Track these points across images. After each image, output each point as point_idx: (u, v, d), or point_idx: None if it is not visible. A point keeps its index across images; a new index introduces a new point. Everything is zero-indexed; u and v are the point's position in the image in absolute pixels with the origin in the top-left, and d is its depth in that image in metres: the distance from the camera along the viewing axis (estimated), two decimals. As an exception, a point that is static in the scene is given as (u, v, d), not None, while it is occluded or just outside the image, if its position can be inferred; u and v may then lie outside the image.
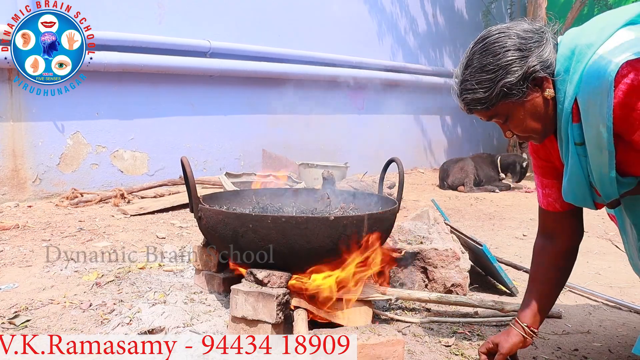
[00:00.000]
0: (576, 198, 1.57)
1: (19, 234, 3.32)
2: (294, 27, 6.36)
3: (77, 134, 4.67)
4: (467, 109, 1.53)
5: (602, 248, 3.61)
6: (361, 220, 1.94)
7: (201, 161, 5.55)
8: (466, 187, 6.33)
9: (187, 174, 2.08)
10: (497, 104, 1.47)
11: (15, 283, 2.45)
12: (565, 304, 2.47)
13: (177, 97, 5.33)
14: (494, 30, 1.48)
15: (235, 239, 1.94)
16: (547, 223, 1.80)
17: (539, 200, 1.81)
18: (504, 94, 1.44)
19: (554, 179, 1.71)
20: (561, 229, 1.76)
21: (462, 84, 1.50)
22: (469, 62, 1.49)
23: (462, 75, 1.50)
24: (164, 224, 3.84)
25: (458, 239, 2.81)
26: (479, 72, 1.45)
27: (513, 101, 1.45)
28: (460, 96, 1.52)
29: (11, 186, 4.31)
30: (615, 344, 2.03)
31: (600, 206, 1.59)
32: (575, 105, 1.42)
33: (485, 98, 1.45)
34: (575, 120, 1.43)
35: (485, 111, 1.50)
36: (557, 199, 1.72)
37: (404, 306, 2.35)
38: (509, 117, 1.50)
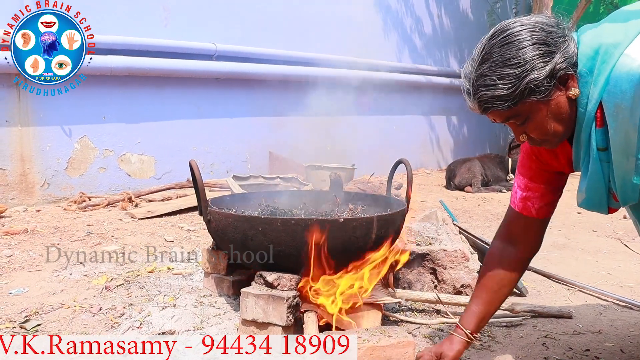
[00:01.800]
0: (591, 203, 1.49)
1: (28, 239, 3.33)
2: (300, 29, 6.36)
3: (85, 138, 4.69)
4: (484, 107, 1.36)
5: (611, 247, 3.59)
6: (370, 222, 1.93)
7: (208, 164, 5.56)
8: (473, 188, 6.30)
9: (195, 177, 2.09)
10: (519, 103, 1.33)
11: (26, 287, 2.47)
12: (576, 304, 2.45)
13: (183, 100, 5.34)
14: (514, 22, 1.35)
15: (245, 241, 1.94)
16: (514, 228, 1.75)
17: (512, 202, 1.74)
18: (529, 91, 1.30)
19: (542, 183, 1.64)
20: (526, 236, 1.72)
21: (478, 79, 1.34)
22: (486, 56, 1.33)
23: (478, 70, 1.34)
24: (172, 227, 3.84)
25: (467, 240, 2.80)
26: (500, 67, 1.31)
27: (537, 100, 1.32)
28: (476, 93, 1.35)
29: (19, 191, 4.34)
30: (627, 343, 2.02)
31: (612, 211, 1.51)
32: (600, 109, 1.32)
33: (508, 95, 1.31)
34: (599, 124, 1.34)
35: (505, 110, 1.35)
36: (536, 204, 1.66)
37: (414, 307, 2.34)
38: (530, 118, 1.37)
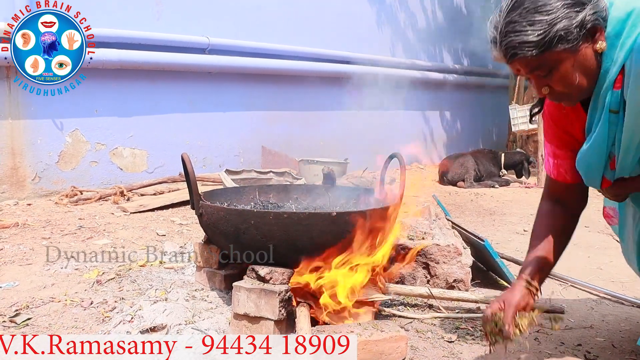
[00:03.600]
0: (588, 168, 1.52)
1: (19, 232, 3.31)
2: (293, 23, 6.34)
3: (76, 131, 4.65)
4: (510, 54, 1.36)
5: (603, 243, 3.60)
6: (363, 216, 1.93)
7: (200, 158, 5.53)
8: (466, 183, 6.32)
9: (187, 170, 2.07)
10: (547, 51, 1.33)
11: (16, 281, 2.45)
12: (568, 299, 2.46)
13: (176, 94, 5.30)
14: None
15: (237, 235, 1.93)
16: (556, 192, 1.78)
17: (547, 168, 1.77)
18: (559, 38, 1.31)
19: (568, 150, 1.66)
20: (570, 197, 1.75)
21: (507, 26, 1.35)
22: (517, 4, 1.34)
23: (507, 17, 1.35)
24: (164, 221, 3.83)
25: (459, 235, 2.80)
26: (531, 13, 1.31)
27: (566, 49, 1.33)
28: (503, 40, 1.36)
29: (10, 184, 4.30)
30: (618, 338, 2.03)
31: (605, 184, 1.54)
32: (621, 72, 1.35)
33: (538, 42, 1.31)
34: (616, 86, 1.37)
35: (532, 58, 1.35)
36: (568, 170, 1.68)
37: (406, 302, 2.34)
38: (555, 68, 1.37)
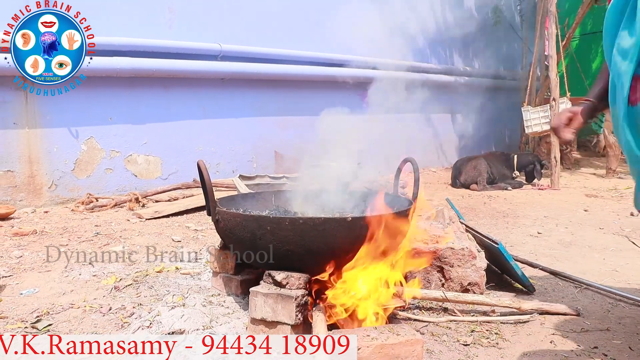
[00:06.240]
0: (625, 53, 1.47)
1: (37, 240, 3.36)
2: (304, 28, 6.37)
3: (91, 139, 4.72)
4: None
5: (618, 245, 3.58)
6: (379, 220, 1.94)
7: (214, 164, 5.58)
8: (479, 186, 6.30)
9: (203, 177, 2.10)
10: None
11: (36, 288, 2.49)
12: (583, 302, 2.45)
13: (188, 101, 5.36)
14: None
15: (254, 241, 1.95)
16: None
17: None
18: None
19: None
20: None
21: None
22: None
23: None
24: (179, 227, 3.86)
25: (474, 238, 2.80)
26: None
27: None
28: None
29: (28, 192, 4.37)
30: (635, 341, 2.02)
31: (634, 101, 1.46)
32: None
33: None
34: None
35: None
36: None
37: (421, 305, 2.35)
38: None
